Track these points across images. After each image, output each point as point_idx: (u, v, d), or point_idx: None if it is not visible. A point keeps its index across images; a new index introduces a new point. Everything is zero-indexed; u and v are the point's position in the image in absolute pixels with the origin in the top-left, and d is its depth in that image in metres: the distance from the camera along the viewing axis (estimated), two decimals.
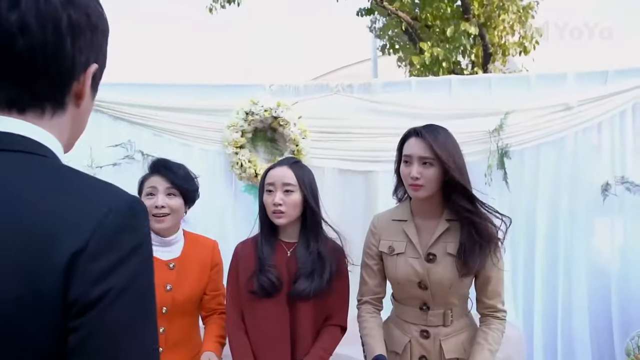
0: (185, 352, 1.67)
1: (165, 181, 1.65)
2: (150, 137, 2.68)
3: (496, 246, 1.55)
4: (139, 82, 2.73)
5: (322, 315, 1.67)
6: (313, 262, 1.61)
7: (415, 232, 1.58)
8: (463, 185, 1.49)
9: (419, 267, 1.54)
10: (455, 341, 1.56)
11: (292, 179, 1.60)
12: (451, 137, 1.54)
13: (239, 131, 2.59)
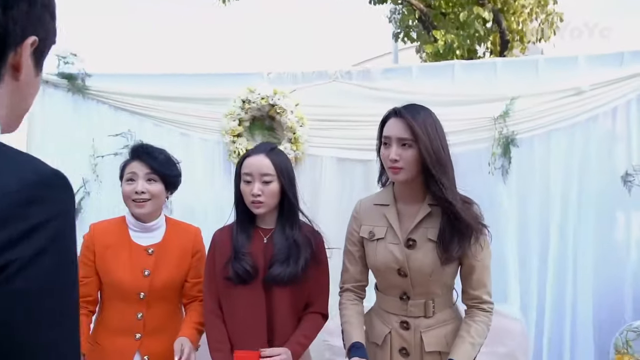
0: (166, 338, 1.66)
1: (145, 167, 1.65)
2: (150, 127, 2.69)
3: (480, 234, 1.47)
4: (140, 73, 2.75)
5: (300, 302, 1.65)
6: (289, 248, 1.59)
7: (396, 217, 1.52)
8: (440, 169, 1.41)
9: (399, 253, 1.48)
10: (436, 334, 1.49)
11: (270, 168, 1.58)
12: (432, 118, 1.47)
13: (236, 119, 2.57)
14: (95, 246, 1.68)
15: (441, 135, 1.47)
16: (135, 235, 1.70)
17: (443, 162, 1.43)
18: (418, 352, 1.49)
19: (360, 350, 1.46)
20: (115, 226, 1.72)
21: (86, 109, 2.72)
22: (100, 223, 1.78)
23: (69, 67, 2.70)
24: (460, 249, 1.43)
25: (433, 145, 1.41)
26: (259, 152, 1.61)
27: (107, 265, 1.66)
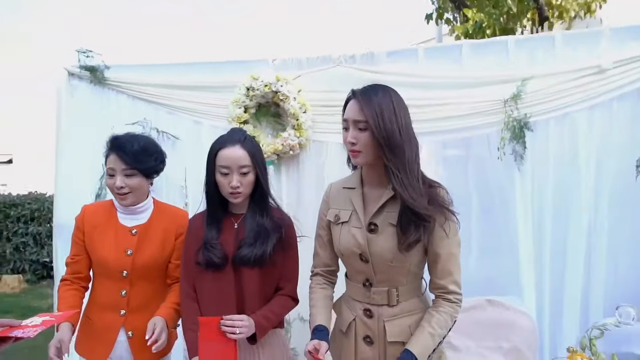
0: (150, 315, 1.73)
1: (121, 162, 1.68)
2: (164, 115, 2.80)
3: (445, 220, 1.41)
4: (153, 63, 2.84)
5: (269, 286, 1.67)
6: (257, 231, 1.61)
7: (361, 201, 1.49)
8: (392, 153, 1.36)
9: (360, 237, 1.46)
10: (400, 323, 1.46)
11: (247, 159, 1.59)
12: (391, 99, 1.40)
13: (241, 107, 2.61)
14: (84, 226, 1.77)
15: (400, 117, 1.39)
16: (122, 216, 1.78)
17: (396, 146, 1.37)
18: (382, 341, 1.47)
19: (322, 333, 1.46)
20: (104, 208, 1.81)
21: (106, 98, 2.87)
22: (91, 205, 1.88)
23: (90, 60, 2.86)
24: (416, 234, 1.38)
25: (386, 127, 1.36)
26: (233, 143, 1.61)
27: (94, 244, 1.75)
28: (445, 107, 2.42)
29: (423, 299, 1.53)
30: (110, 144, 1.73)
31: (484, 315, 2.29)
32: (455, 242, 1.45)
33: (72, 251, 1.80)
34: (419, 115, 2.45)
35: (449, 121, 2.43)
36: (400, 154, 1.37)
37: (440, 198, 1.43)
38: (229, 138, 1.64)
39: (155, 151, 1.78)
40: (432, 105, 2.43)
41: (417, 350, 1.36)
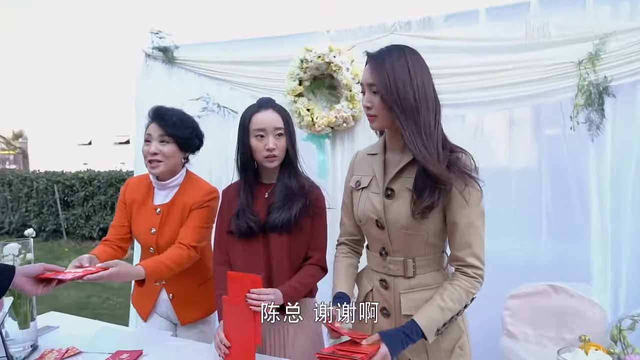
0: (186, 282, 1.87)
1: (159, 128, 1.76)
2: (226, 91, 2.91)
3: (466, 186, 1.28)
4: (216, 41, 2.95)
5: (298, 253, 1.66)
6: (286, 195, 1.62)
7: (381, 166, 1.42)
8: (405, 116, 1.28)
9: (377, 202, 1.39)
10: (416, 297, 1.37)
11: (280, 122, 1.62)
12: (406, 59, 1.31)
13: (296, 79, 2.60)
14: (126, 198, 1.91)
15: (415, 78, 1.30)
16: (157, 192, 1.87)
17: (410, 109, 1.28)
18: (398, 314, 1.39)
19: (341, 300, 1.42)
20: (144, 183, 1.91)
21: (177, 77, 3.05)
22: (134, 178, 1.98)
23: (162, 41, 3.04)
24: (430, 199, 1.28)
25: (398, 90, 1.27)
26: (267, 107, 1.64)
27: (131, 218, 1.88)
28: (510, 72, 2.19)
29: (444, 274, 1.42)
30: (152, 113, 1.80)
31: (547, 302, 2.07)
32: (476, 212, 1.32)
33: (115, 217, 1.94)
34: (480, 83, 2.29)
35: (515, 88, 2.20)
36: (415, 117, 1.28)
37: (461, 162, 1.31)
38: (260, 103, 1.67)
39: (192, 125, 1.83)
40: (495, 71, 2.22)
41: (423, 322, 1.27)
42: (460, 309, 1.32)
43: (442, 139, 1.32)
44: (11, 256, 1.67)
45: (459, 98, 2.30)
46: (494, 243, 2.24)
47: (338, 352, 1.21)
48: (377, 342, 1.24)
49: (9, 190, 8.68)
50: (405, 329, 1.26)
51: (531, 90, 2.19)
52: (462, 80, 2.29)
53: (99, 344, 1.67)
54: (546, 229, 2.25)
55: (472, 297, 1.34)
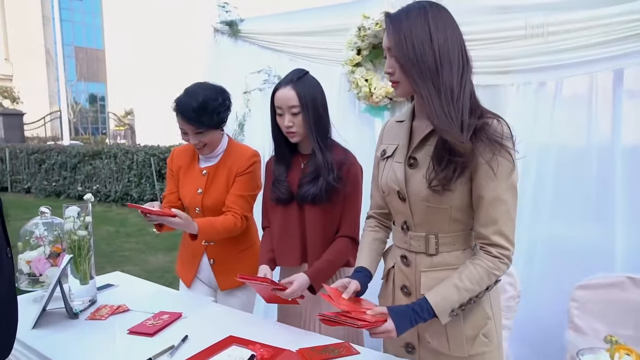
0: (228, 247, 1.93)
1: (189, 125, 1.78)
2: (287, 63, 2.87)
3: (493, 156, 1.14)
4: (276, 12, 2.92)
5: (331, 223, 1.68)
6: (315, 169, 1.63)
7: (407, 134, 1.32)
8: (421, 79, 1.16)
9: (399, 172, 1.29)
10: (438, 277, 1.25)
11: (295, 100, 1.62)
12: (427, 18, 1.17)
13: (354, 49, 2.50)
14: (173, 166, 1.99)
15: (437, 38, 1.16)
16: (202, 158, 1.94)
17: (428, 71, 1.15)
18: (419, 294, 1.28)
19: (359, 274, 1.36)
20: (190, 151, 1.97)
21: (241, 51, 3.08)
22: (179, 148, 2.05)
23: (229, 15, 3.09)
24: (446, 172, 1.15)
25: (415, 52, 1.15)
26: (286, 84, 1.64)
27: (179, 182, 1.96)
28: (589, 31, 1.90)
29: (470, 254, 1.28)
30: (175, 108, 1.79)
31: (623, 296, 1.81)
32: (506, 185, 1.16)
33: (166, 187, 2.04)
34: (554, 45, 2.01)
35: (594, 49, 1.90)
36: (434, 80, 1.15)
37: (490, 129, 1.15)
38: (284, 79, 1.68)
39: (214, 105, 1.79)
40: (571, 31, 1.94)
41: (435, 299, 1.16)
42: (480, 291, 1.19)
43: (470, 104, 1.18)
44: (72, 218, 1.82)
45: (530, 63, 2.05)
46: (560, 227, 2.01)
47: (340, 317, 1.17)
48: (382, 315, 1.16)
49: (114, 162, 9.59)
50: (415, 305, 1.17)
51: (611, 51, 1.88)
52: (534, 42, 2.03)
53: (146, 304, 1.77)
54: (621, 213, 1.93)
55: (495, 280, 1.21)
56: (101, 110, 39.36)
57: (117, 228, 7.37)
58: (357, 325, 1.12)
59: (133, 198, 9.14)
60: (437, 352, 1.28)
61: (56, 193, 10.59)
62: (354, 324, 1.13)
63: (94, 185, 9.86)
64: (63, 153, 10.56)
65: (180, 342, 1.44)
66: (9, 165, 11.57)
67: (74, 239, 1.75)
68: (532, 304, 2.04)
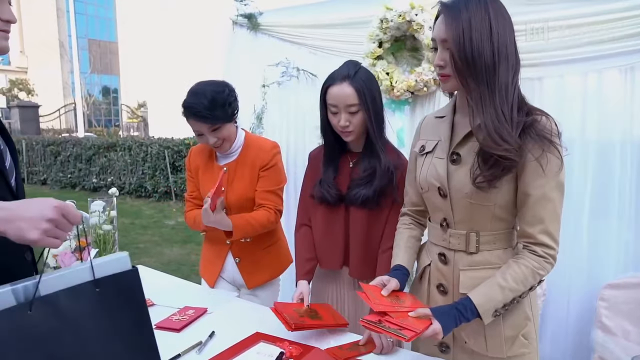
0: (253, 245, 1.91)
1: (203, 124, 1.72)
2: (306, 55, 2.85)
3: (542, 152, 1.12)
4: (296, 4, 2.89)
5: (376, 227, 1.61)
6: (369, 172, 1.56)
7: (449, 129, 1.29)
8: (476, 74, 1.12)
9: (441, 168, 1.26)
10: (478, 275, 1.23)
11: (354, 98, 1.52)
12: (487, 9, 1.13)
13: (375, 41, 2.46)
14: (191, 166, 1.96)
15: (497, 32, 1.12)
16: (220, 156, 1.91)
17: (485, 68, 1.11)
18: (456, 293, 1.26)
19: (397, 273, 1.33)
20: (207, 150, 1.93)
21: (261, 43, 3.06)
22: (196, 147, 2.00)
23: (247, 8, 3.06)
24: (494, 170, 1.12)
25: (473, 47, 1.11)
26: (341, 80, 1.53)
27: (199, 182, 1.92)
28: (601, 26, 1.85)
29: (512, 253, 1.25)
30: (185, 111, 1.73)
31: None
32: (554, 183, 1.13)
33: (188, 189, 2.00)
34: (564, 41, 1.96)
35: (605, 44, 1.85)
36: (490, 77, 1.11)
37: (539, 126, 1.13)
38: (337, 74, 1.56)
39: (223, 97, 1.73)
40: (583, 25, 1.89)
41: (478, 298, 1.13)
42: (524, 291, 1.16)
43: (518, 101, 1.15)
44: (97, 212, 1.82)
45: (556, 56, 2.00)
46: (588, 224, 1.97)
47: (385, 323, 1.12)
48: (427, 317, 1.14)
49: (128, 155, 9.65)
50: (458, 305, 1.14)
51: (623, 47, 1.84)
52: (561, 35, 1.98)
53: (170, 298, 1.77)
54: None
55: (539, 279, 1.18)
56: (114, 102, 39.65)
57: (132, 220, 7.42)
58: (405, 338, 1.07)
59: (147, 190, 9.20)
60: (473, 353, 1.26)
61: (71, 185, 10.69)
62: (402, 337, 1.07)
63: (109, 177, 9.93)
64: (78, 145, 10.64)
65: (207, 338, 1.44)
66: (25, 157, 11.71)
67: (99, 233, 1.76)
68: (557, 303, 2.01)
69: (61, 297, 0.83)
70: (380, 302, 1.18)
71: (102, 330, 0.87)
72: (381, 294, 1.23)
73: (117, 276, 0.90)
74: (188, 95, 1.74)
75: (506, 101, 1.12)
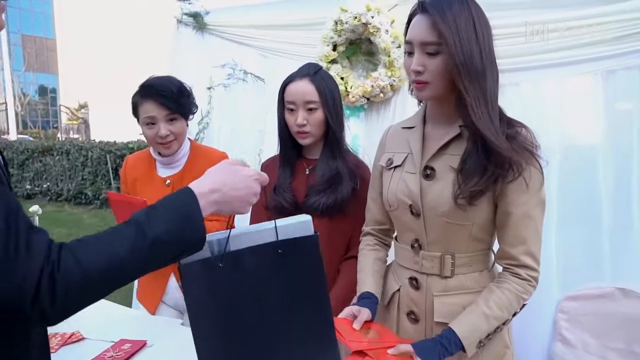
0: None
1: (163, 108, 1.57)
2: (255, 57, 2.70)
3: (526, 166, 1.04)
4: (246, 4, 2.73)
5: (339, 239, 1.50)
6: (329, 179, 1.45)
7: (419, 141, 1.18)
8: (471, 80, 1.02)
9: (413, 184, 1.15)
10: (453, 302, 1.13)
11: (314, 95, 1.44)
12: (470, 10, 1.04)
13: (329, 44, 2.35)
14: (127, 178, 1.76)
15: (481, 34, 1.04)
16: (160, 167, 1.73)
17: (476, 72, 1.02)
18: (429, 321, 1.16)
19: (367, 301, 1.20)
20: (144, 159, 1.76)
21: (208, 44, 2.87)
22: (132, 156, 1.83)
23: (192, 6, 2.86)
24: (480, 184, 1.03)
25: (464, 48, 1.01)
26: (302, 77, 1.47)
27: (137, 196, 1.73)
28: (578, 30, 1.82)
29: (489, 276, 1.16)
30: (146, 90, 1.58)
31: (613, 308, 1.76)
32: (536, 200, 1.06)
33: None
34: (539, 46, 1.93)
35: (583, 49, 1.83)
36: (481, 82, 1.02)
37: (522, 137, 1.05)
38: (297, 72, 1.50)
39: (189, 91, 1.65)
40: (558, 30, 1.86)
41: (462, 330, 1.03)
42: (508, 319, 1.08)
43: (498, 108, 1.07)
44: None
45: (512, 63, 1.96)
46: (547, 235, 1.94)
47: None
48: (408, 355, 1.02)
49: (66, 159, 9.05)
50: (442, 339, 1.03)
51: (600, 51, 1.82)
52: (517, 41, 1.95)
53: (104, 330, 1.57)
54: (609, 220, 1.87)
55: (523, 304, 1.09)
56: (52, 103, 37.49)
57: (70, 230, 6.93)
58: None
59: (87, 197, 8.65)
60: None
61: None
62: None
63: (45, 184, 9.27)
64: (9, 149, 9.88)
65: None
66: None
67: None
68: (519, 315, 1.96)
69: (246, 254, 0.88)
70: (355, 339, 1.05)
71: (280, 291, 0.89)
72: (353, 327, 1.10)
73: (297, 240, 0.90)
74: (151, 78, 1.60)
75: (493, 110, 1.04)
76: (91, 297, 0.74)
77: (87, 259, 0.70)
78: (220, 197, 0.85)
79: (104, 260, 0.71)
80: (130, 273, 0.75)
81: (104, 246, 0.73)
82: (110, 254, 0.72)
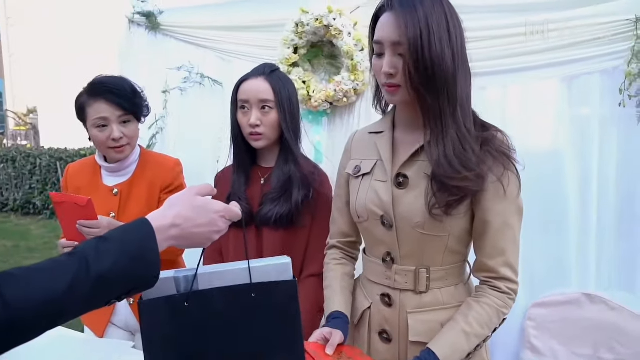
0: None
1: (116, 108, 1.46)
2: (213, 60, 2.57)
3: (504, 170, 0.99)
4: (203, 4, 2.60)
5: (295, 252, 1.38)
6: (283, 185, 1.37)
7: (389, 147, 1.10)
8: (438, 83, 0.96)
9: (384, 193, 1.07)
10: (429, 319, 1.05)
11: (269, 93, 1.37)
12: (444, 8, 0.97)
13: (290, 47, 2.26)
14: (68, 187, 1.63)
15: (455, 35, 0.97)
16: (106, 174, 1.61)
17: (447, 75, 0.96)
18: (403, 340, 1.08)
19: (338, 321, 1.11)
20: (88, 167, 1.63)
21: (162, 45, 2.72)
22: (75, 164, 1.69)
23: (145, 5, 2.71)
24: (455, 194, 0.96)
25: (431, 49, 0.94)
26: (257, 76, 1.40)
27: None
28: (548, 34, 1.82)
29: (465, 289, 1.10)
30: (97, 89, 1.47)
31: (580, 314, 1.75)
32: (514, 207, 1.01)
33: None
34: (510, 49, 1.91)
35: (553, 53, 1.82)
36: (451, 87, 0.96)
37: (497, 141, 1.00)
38: (253, 71, 1.42)
39: (141, 93, 1.55)
40: (526, 33, 1.85)
41: (442, 352, 0.96)
42: (488, 335, 1.02)
43: (472, 113, 1.02)
44: None
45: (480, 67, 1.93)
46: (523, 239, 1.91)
47: None
48: None
49: (12, 167, 8.53)
50: None
51: (571, 55, 1.82)
52: (485, 45, 1.92)
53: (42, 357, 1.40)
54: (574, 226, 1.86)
55: (503, 319, 1.04)
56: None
57: (17, 242, 6.50)
58: None
59: (36, 207, 8.17)
60: None
61: None
62: None
63: None
64: None
65: None
66: None
67: None
68: None
69: (216, 295, 0.82)
70: None
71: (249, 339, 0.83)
72: (326, 352, 1.00)
73: (273, 285, 0.84)
74: (98, 77, 1.49)
75: (468, 114, 0.98)
76: (19, 339, 0.65)
77: (15, 297, 0.61)
78: (179, 233, 0.77)
79: (38, 297, 0.62)
80: (69, 313, 0.67)
81: (38, 281, 0.64)
82: (45, 290, 0.63)
